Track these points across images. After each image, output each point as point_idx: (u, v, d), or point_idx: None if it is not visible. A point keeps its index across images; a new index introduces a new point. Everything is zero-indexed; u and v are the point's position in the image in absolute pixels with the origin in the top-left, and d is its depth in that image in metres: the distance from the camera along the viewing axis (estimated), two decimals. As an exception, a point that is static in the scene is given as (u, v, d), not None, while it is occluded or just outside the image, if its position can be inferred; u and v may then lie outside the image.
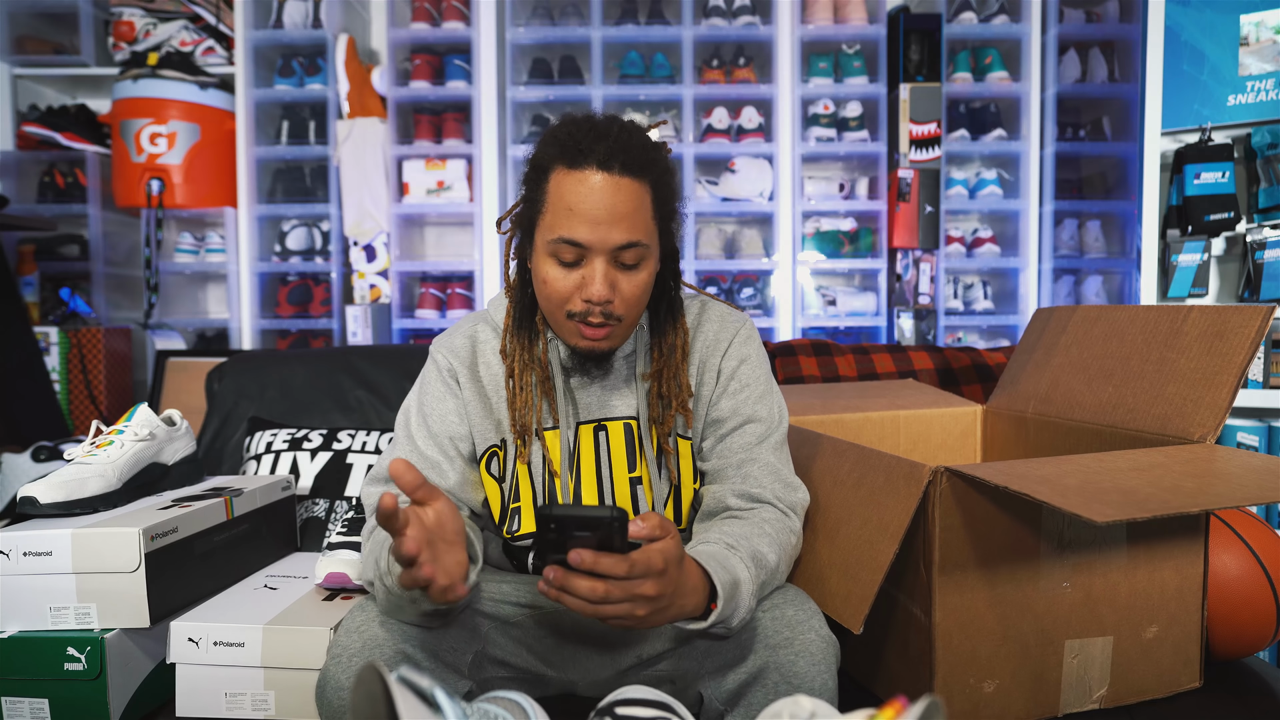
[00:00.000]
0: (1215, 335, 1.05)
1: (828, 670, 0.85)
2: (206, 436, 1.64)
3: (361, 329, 2.59)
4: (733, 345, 1.01)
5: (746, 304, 2.66)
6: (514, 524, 0.99)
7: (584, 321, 0.90)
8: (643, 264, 0.91)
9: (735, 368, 1.00)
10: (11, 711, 0.99)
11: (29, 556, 0.99)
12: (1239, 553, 1.09)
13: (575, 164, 0.87)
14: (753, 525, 0.91)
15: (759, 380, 1.00)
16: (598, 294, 0.87)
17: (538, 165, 0.91)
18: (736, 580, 0.82)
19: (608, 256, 0.88)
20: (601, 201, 0.86)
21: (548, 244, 0.89)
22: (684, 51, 2.58)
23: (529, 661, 0.97)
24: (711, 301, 1.06)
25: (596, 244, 0.87)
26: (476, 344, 1.02)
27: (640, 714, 0.66)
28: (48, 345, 2.40)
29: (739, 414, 0.98)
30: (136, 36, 2.58)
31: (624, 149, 0.87)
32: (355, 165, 2.57)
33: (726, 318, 1.04)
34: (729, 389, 0.99)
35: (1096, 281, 2.64)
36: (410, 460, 0.93)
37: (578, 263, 0.89)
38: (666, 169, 0.94)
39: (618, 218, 0.86)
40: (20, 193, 2.58)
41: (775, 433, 0.99)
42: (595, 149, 0.86)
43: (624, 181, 0.87)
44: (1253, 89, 1.96)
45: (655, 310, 1.01)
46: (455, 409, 0.99)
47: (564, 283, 0.89)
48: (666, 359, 0.98)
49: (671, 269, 1.01)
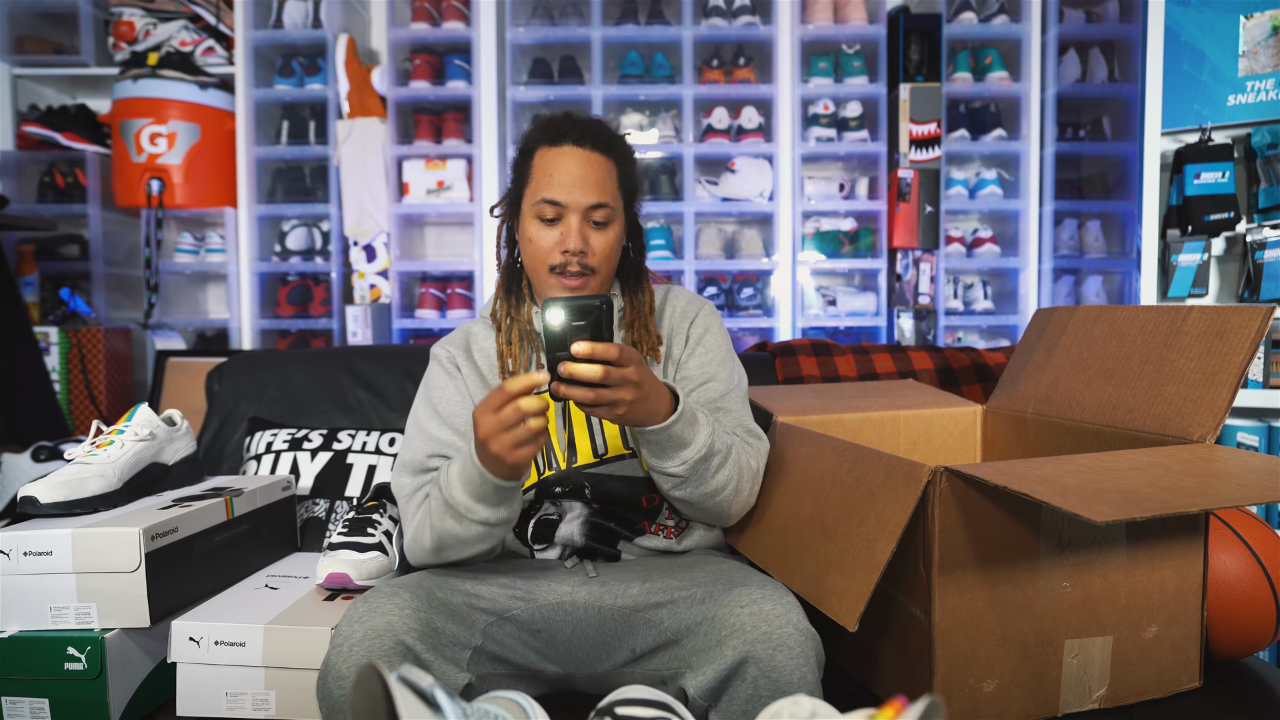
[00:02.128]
0: (1215, 335, 1.05)
1: (807, 664, 0.86)
2: (206, 436, 1.63)
3: (361, 329, 2.59)
4: (699, 317, 1.17)
5: (746, 304, 2.66)
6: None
7: (563, 274, 1.06)
8: (610, 224, 1.08)
9: (701, 335, 1.16)
10: (11, 711, 1.00)
11: (29, 556, 0.99)
12: (1239, 553, 1.09)
13: (555, 142, 1.07)
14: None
15: (721, 347, 1.16)
16: (573, 244, 1.04)
17: (524, 149, 1.11)
18: (694, 410, 0.99)
19: (581, 215, 1.05)
20: (576, 169, 1.05)
21: (532, 207, 1.06)
22: (684, 51, 2.58)
23: (526, 657, 0.98)
24: (674, 286, 1.23)
25: (572, 203, 1.05)
26: (470, 336, 1.17)
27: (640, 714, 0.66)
28: (48, 345, 2.40)
29: (704, 371, 1.13)
30: (136, 36, 2.58)
31: (594, 132, 1.07)
32: (355, 165, 2.57)
33: (691, 297, 1.20)
34: (696, 351, 1.15)
35: (1096, 281, 2.64)
36: (427, 447, 1.07)
37: (556, 220, 1.06)
38: (630, 156, 1.13)
39: (589, 183, 1.05)
40: (20, 193, 2.58)
41: (737, 389, 1.15)
42: (571, 130, 1.06)
43: (594, 156, 1.06)
44: (1253, 89, 1.96)
45: (625, 278, 1.17)
46: (459, 390, 1.11)
47: (546, 240, 1.06)
48: (637, 312, 1.14)
49: (637, 244, 1.18)
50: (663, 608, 0.96)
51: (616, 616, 0.98)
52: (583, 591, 1.01)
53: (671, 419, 0.95)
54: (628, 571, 1.04)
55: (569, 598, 1.00)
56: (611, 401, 0.88)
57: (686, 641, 0.92)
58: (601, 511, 1.09)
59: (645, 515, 1.10)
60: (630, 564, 1.08)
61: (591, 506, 1.09)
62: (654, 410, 0.93)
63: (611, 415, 0.90)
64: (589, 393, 0.87)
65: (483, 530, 0.97)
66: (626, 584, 1.01)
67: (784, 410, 1.32)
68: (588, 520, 1.09)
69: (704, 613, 0.92)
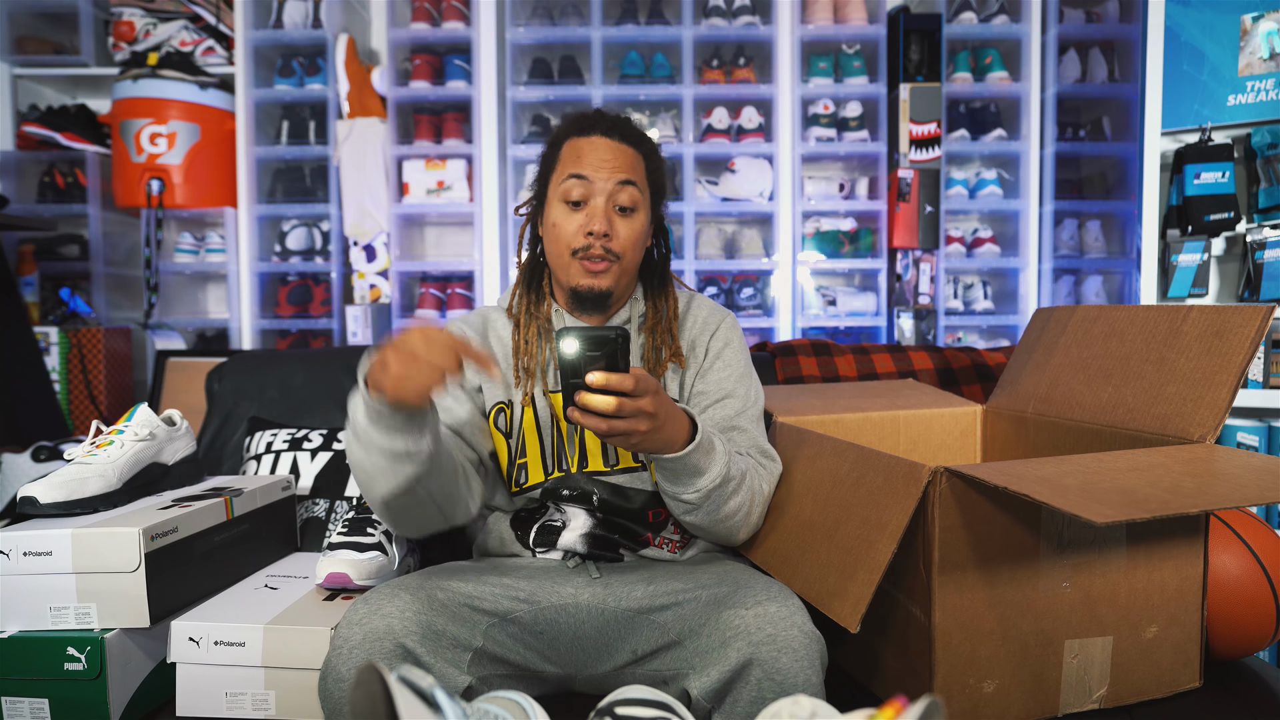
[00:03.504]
0: (1215, 335, 1.05)
1: (811, 666, 0.85)
2: (206, 436, 1.63)
3: (361, 329, 2.59)
4: (720, 329, 1.15)
5: (746, 304, 2.66)
6: (521, 477, 1.09)
7: (586, 257, 1.04)
8: (637, 212, 1.07)
9: (721, 348, 1.14)
10: (11, 711, 0.99)
11: (29, 556, 0.99)
12: (1239, 553, 1.09)
13: (584, 132, 1.07)
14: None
15: (740, 363, 1.14)
16: (598, 226, 1.03)
17: (553, 142, 1.11)
18: (712, 437, 0.97)
19: (608, 198, 1.04)
20: (604, 152, 1.05)
21: (559, 187, 1.06)
22: (684, 51, 2.58)
23: (527, 658, 0.98)
24: (699, 295, 1.21)
25: (599, 180, 1.04)
26: (489, 321, 1.16)
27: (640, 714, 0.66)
28: (48, 345, 2.40)
29: (721, 388, 1.11)
30: (136, 36, 2.58)
31: (623, 125, 1.08)
32: (355, 165, 2.57)
33: (714, 307, 1.19)
34: (715, 365, 1.13)
35: (1096, 281, 2.64)
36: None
37: (582, 202, 1.04)
38: (657, 153, 1.12)
39: (617, 165, 1.05)
40: (20, 193, 2.58)
41: (753, 408, 1.12)
42: (600, 122, 1.07)
43: (623, 146, 1.06)
44: (1253, 89, 1.96)
45: (649, 280, 1.16)
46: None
47: (571, 223, 1.05)
48: (660, 316, 1.13)
49: (663, 247, 1.17)
50: (667, 610, 0.96)
51: (620, 618, 0.98)
52: (586, 594, 1.00)
53: (689, 448, 0.93)
54: (631, 573, 1.04)
55: (572, 600, 1.00)
56: (625, 432, 0.86)
57: (689, 643, 0.92)
58: (606, 522, 1.08)
59: (651, 528, 1.09)
60: (633, 565, 1.08)
61: (596, 516, 1.08)
62: (669, 439, 0.91)
63: (626, 444, 0.89)
64: (602, 423, 0.85)
65: (384, 463, 0.90)
66: (630, 586, 1.00)
67: (784, 410, 1.32)
68: (591, 532, 1.07)
69: (708, 614, 0.92)
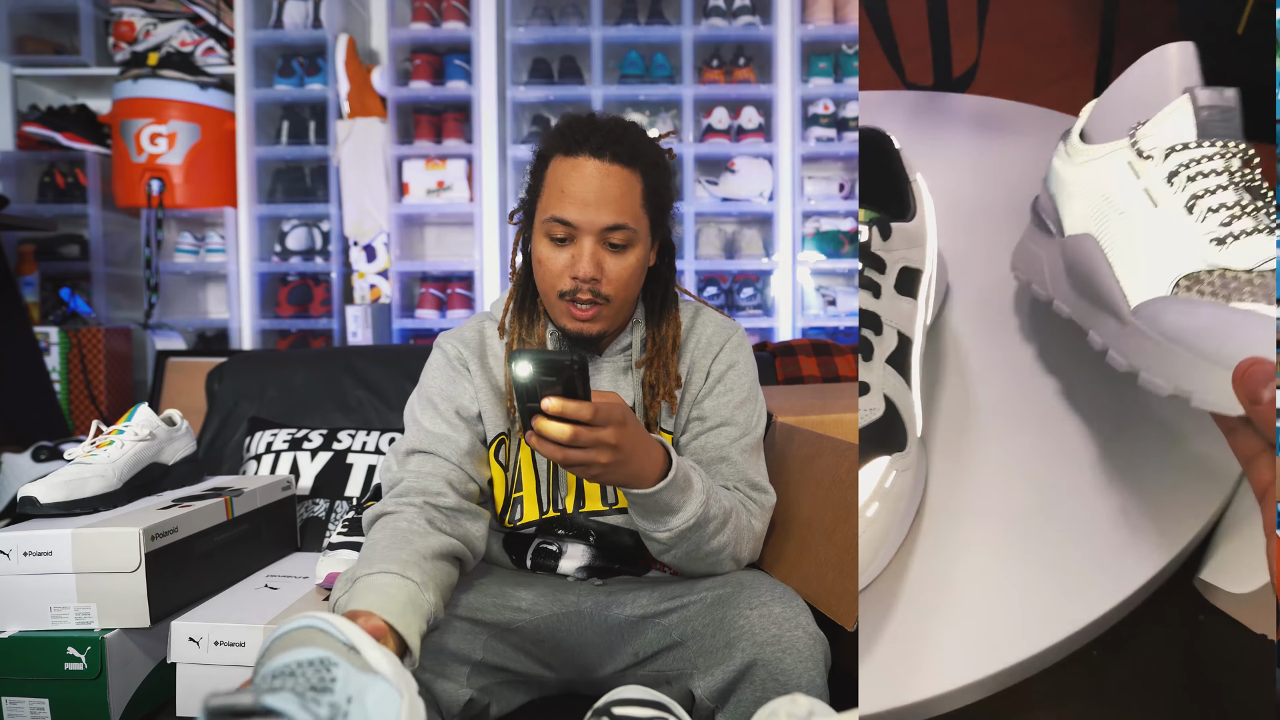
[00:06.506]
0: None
1: (816, 668, 0.85)
2: (206, 436, 1.63)
3: (361, 329, 2.59)
4: (724, 350, 1.06)
5: (746, 304, 2.66)
6: (516, 513, 1.02)
7: (573, 301, 0.95)
8: (630, 248, 0.96)
9: (724, 371, 1.05)
10: (11, 711, 1.00)
11: (29, 556, 0.99)
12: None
13: (571, 151, 0.94)
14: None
15: (743, 387, 1.05)
16: (584, 270, 0.93)
17: (540, 155, 0.99)
18: (689, 473, 0.89)
19: (596, 236, 0.93)
20: (591, 185, 0.92)
21: (543, 224, 0.95)
22: (684, 51, 2.58)
23: (527, 665, 0.97)
24: (705, 308, 1.11)
25: (585, 224, 0.93)
26: (485, 337, 1.06)
27: (637, 714, 0.66)
28: (48, 345, 2.41)
29: (718, 415, 1.02)
30: (136, 36, 2.58)
31: (616, 140, 0.93)
32: (355, 165, 2.57)
33: (721, 324, 1.09)
34: (715, 390, 1.04)
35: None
36: (419, 443, 0.97)
37: (568, 241, 0.94)
38: (660, 164, 0.99)
39: (606, 201, 0.92)
40: (20, 193, 2.58)
41: (748, 436, 1.03)
42: (590, 139, 0.93)
43: (614, 169, 0.93)
44: None
45: (650, 304, 1.06)
46: (463, 389, 1.02)
47: (556, 261, 0.95)
48: (659, 348, 1.03)
49: (668, 263, 1.06)
50: (672, 613, 0.95)
51: (623, 624, 0.97)
52: (589, 601, 0.99)
53: (659, 486, 0.85)
54: (635, 580, 1.03)
55: (574, 608, 0.98)
56: (583, 463, 0.79)
57: (693, 644, 0.91)
58: (604, 554, 1.04)
59: (652, 561, 1.05)
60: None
61: (594, 549, 1.04)
62: (636, 473, 0.84)
63: (585, 475, 0.82)
64: (557, 451, 0.78)
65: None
66: (634, 593, 0.98)
67: (784, 410, 1.31)
68: (589, 564, 1.04)
69: (712, 615, 0.91)
